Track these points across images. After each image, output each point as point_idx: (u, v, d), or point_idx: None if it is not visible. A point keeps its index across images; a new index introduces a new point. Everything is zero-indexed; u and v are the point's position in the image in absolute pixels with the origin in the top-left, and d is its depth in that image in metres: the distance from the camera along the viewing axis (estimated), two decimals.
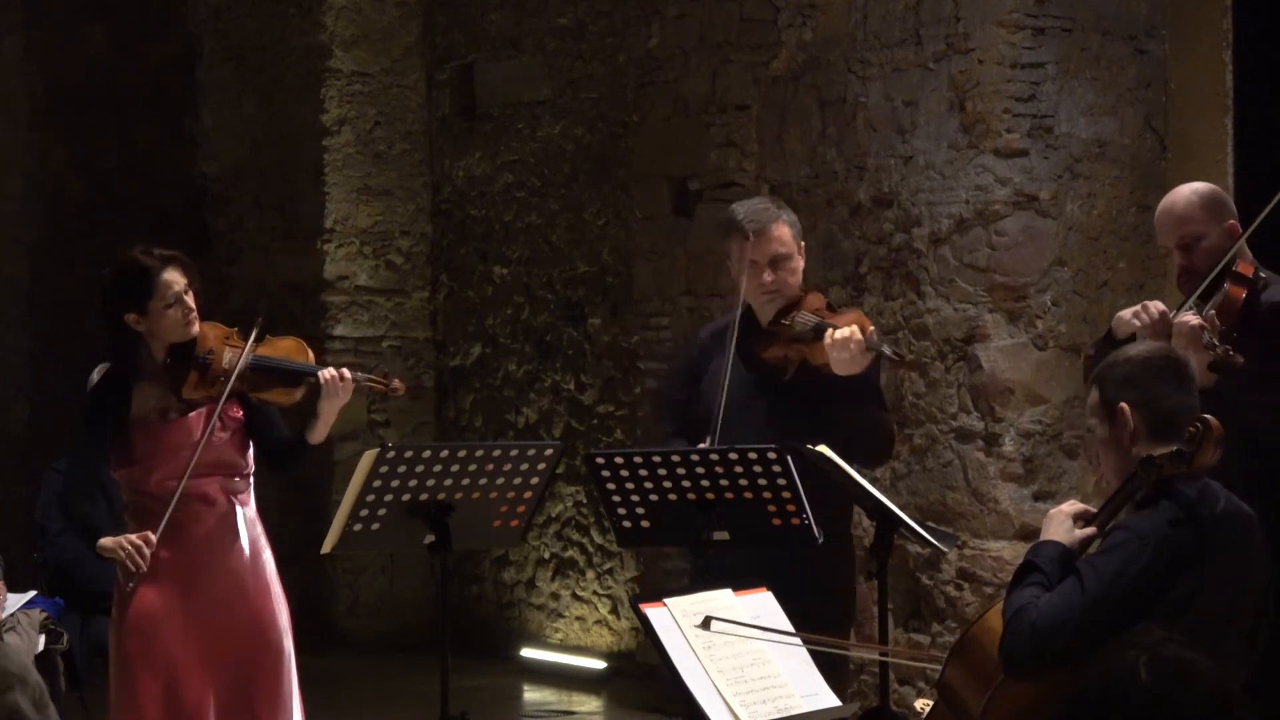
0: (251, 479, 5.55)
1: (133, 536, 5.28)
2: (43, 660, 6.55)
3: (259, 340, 5.48)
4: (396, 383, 5.60)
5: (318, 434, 5.49)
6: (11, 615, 6.52)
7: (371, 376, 5.58)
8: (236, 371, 5.37)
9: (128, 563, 5.26)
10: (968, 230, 7.38)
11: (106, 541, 5.31)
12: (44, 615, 6.64)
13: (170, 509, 5.30)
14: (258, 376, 5.44)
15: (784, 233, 5.59)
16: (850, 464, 5.09)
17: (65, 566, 7.07)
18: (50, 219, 11.14)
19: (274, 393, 5.47)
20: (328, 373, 5.45)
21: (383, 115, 10.39)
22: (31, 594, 6.76)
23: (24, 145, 11.07)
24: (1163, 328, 5.14)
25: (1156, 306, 5.26)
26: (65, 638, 6.68)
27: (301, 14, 10.40)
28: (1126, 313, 5.34)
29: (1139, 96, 7.44)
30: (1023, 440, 7.27)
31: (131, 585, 5.34)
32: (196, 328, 5.45)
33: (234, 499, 5.48)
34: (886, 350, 5.40)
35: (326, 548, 5.24)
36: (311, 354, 5.56)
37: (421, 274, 10.49)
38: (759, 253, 5.56)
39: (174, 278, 5.41)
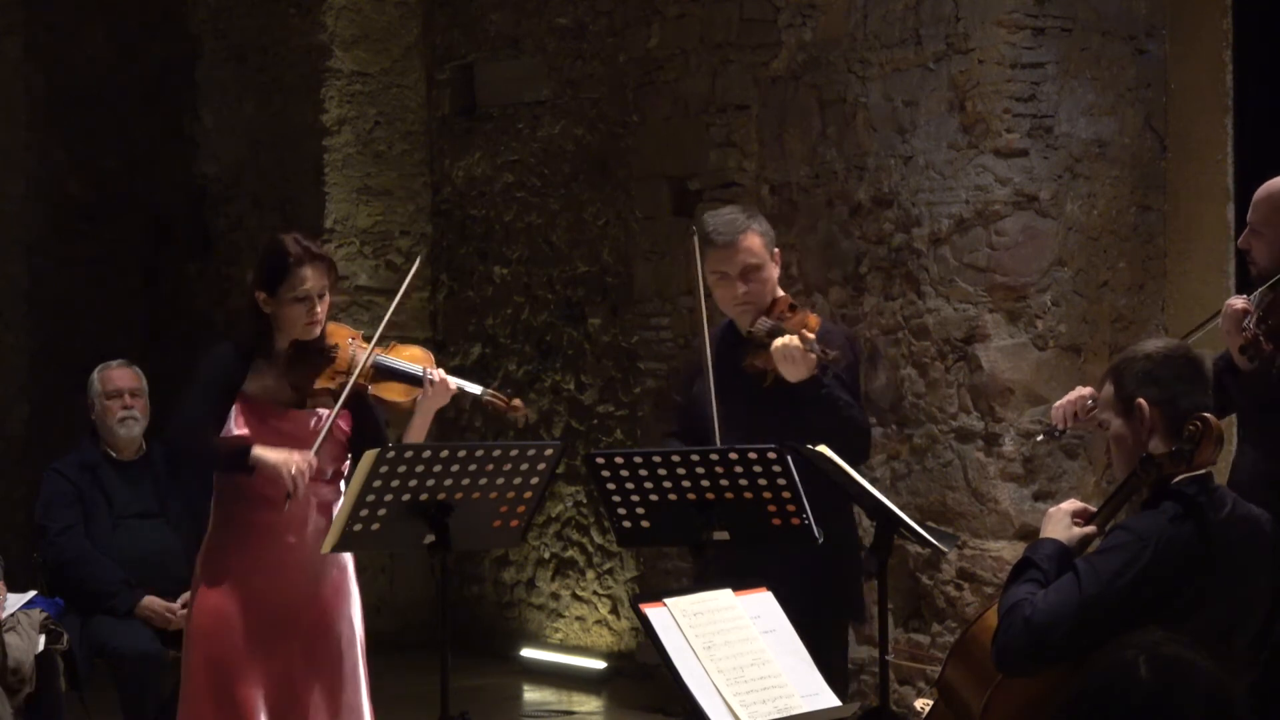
0: (342, 486, 5.56)
1: (299, 456, 5.28)
2: (43, 660, 6.55)
3: (384, 345, 5.54)
4: (517, 402, 5.61)
5: (413, 436, 5.52)
6: (11, 615, 6.52)
7: (494, 393, 5.61)
8: (359, 369, 5.42)
9: (288, 483, 5.26)
10: (968, 230, 7.38)
11: (272, 455, 5.28)
12: (44, 615, 6.63)
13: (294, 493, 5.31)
14: (377, 374, 5.49)
15: (754, 243, 5.58)
16: None
17: (65, 566, 7.07)
18: (50, 219, 11.15)
19: (390, 389, 5.51)
20: (434, 374, 5.48)
21: (383, 115, 10.39)
22: (31, 594, 6.75)
23: (24, 145, 11.07)
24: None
25: (1079, 392, 5.36)
26: (65, 638, 6.67)
27: (301, 14, 10.40)
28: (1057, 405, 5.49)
29: (1139, 96, 7.44)
30: (1023, 440, 7.27)
31: (288, 506, 5.34)
32: (318, 330, 5.48)
33: (324, 505, 5.51)
34: (815, 350, 5.33)
35: (326, 548, 5.26)
36: (435, 362, 5.59)
37: (421, 274, 10.49)
38: (729, 265, 5.57)
39: (309, 275, 5.43)
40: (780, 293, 5.67)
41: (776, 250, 5.66)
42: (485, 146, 10.14)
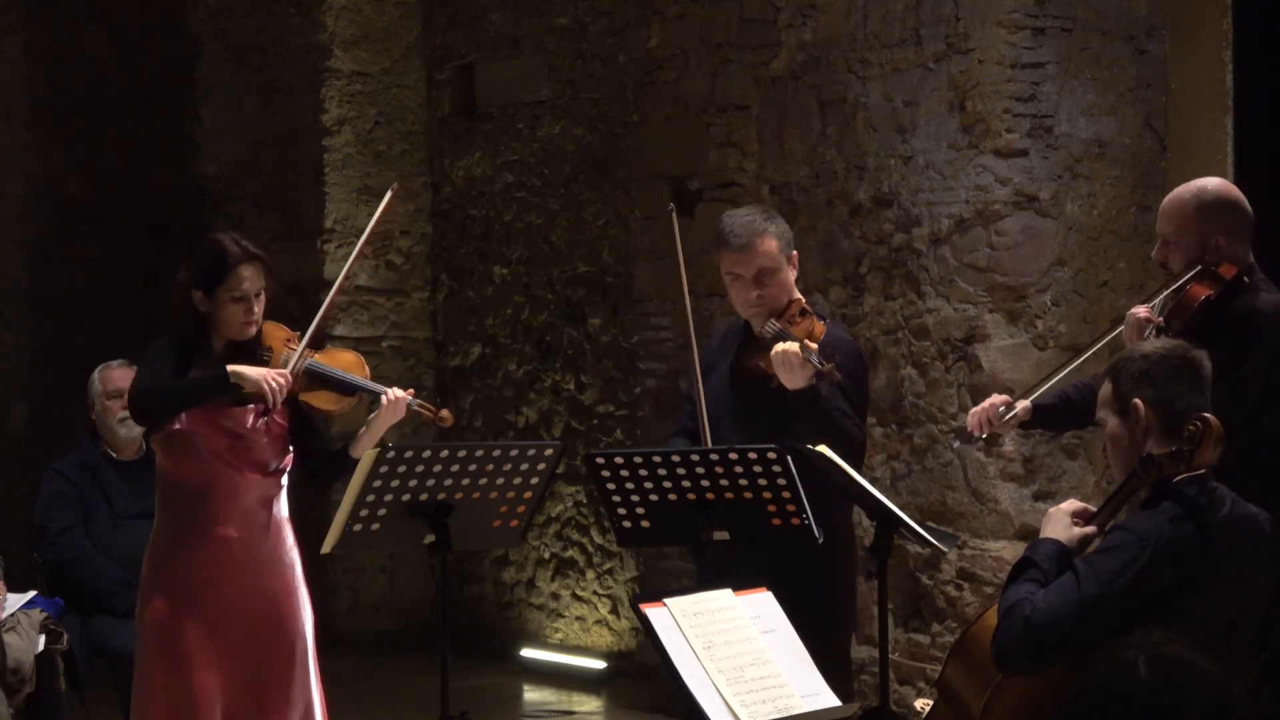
0: (285, 481, 5.58)
1: (275, 372, 5.37)
2: (43, 660, 6.55)
3: (318, 348, 5.56)
4: (444, 413, 5.62)
5: (361, 448, 5.49)
6: (11, 615, 6.52)
7: (423, 403, 5.64)
8: (289, 370, 5.44)
9: (269, 395, 5.32)
10: (968, 230, 7.38)
11: (249, 371, 5.34)
12: (44, 615, 6.63)
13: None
14: (309, 380, 5.50)
15: (770, 246, 5.55)
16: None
17: (65, 566, 7.07)
18: (50, 219, 11.14)
19: (321, 397, 5.53)
20: (392, 393, 5.50)
21: (383, 115, 10.39)
22: (31, 594, 6.75)
23: (24, 145, 11.06)
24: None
25: (992, 400, 5.56)
26: (65, 638, 6.66)
27: (301, 14, 10.40)
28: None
29: (1139, 96, 7.44)
30: (1023, 440, 7.26)
31: (265, 418, 5.44)
32: (254, 330, 5.49)
33: (267, 500, 5.53)
34: (814, 362, 5.32)
35: (326, 548, 5.26)
36: (369, 370, 5.62)
37: (421, 274, 10.49)
38: (744, 267, 5.56)
39: (248, 276, 5.43)
40: (796, 294, 5.66)
41: (794, 253, 5.65)
42: (485, 146, 10.14)
